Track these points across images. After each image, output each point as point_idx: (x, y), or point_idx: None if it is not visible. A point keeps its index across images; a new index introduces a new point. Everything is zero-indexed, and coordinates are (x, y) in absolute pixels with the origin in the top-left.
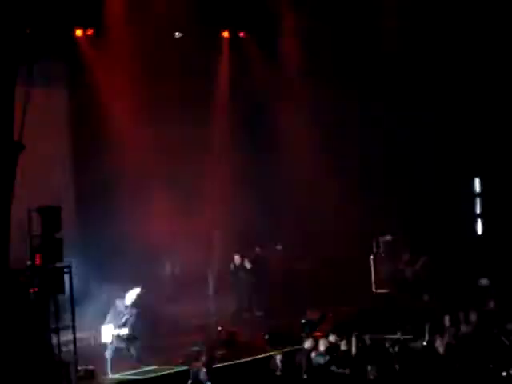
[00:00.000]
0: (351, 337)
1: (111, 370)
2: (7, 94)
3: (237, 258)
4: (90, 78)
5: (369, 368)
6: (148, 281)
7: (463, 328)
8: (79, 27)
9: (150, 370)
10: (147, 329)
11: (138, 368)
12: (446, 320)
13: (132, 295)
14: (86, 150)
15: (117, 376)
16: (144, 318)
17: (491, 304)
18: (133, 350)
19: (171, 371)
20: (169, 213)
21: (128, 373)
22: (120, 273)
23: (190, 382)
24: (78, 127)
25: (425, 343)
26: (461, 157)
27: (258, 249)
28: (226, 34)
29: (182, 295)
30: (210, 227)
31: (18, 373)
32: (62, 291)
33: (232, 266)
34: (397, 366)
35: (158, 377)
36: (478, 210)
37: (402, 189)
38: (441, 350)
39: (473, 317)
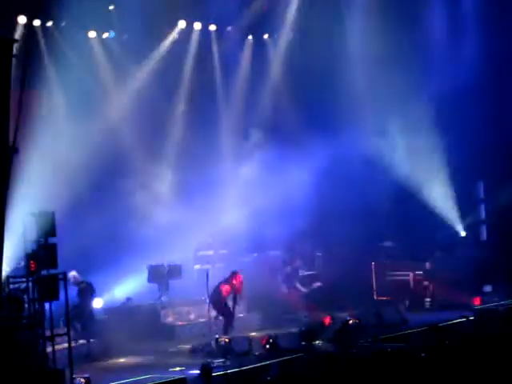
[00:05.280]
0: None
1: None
2: (1, 98)
3: None
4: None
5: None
6: None
7: None
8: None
9: (146, 378)
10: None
11: (135, 376)
12: None
13: None
14: None
15: None
16: None
17: None
18: None
19: (168, 379)
20: None
21: (123, 381)
22: None
23: None
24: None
25: None
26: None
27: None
28: None
29: None
30: None
31: (12, 382)
32: (57, 298)
33: None
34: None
35: None
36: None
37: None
38: None
39: None
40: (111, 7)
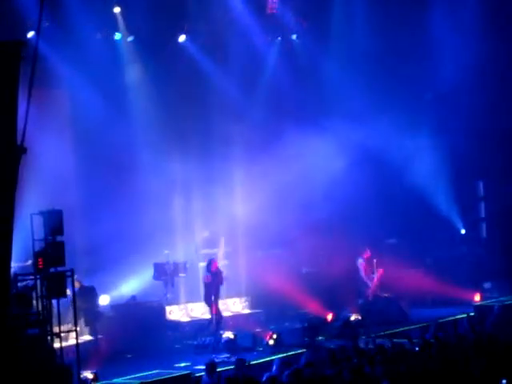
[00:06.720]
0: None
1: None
2: (10, 98)
3: None
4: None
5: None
6: None
7: None
8: None
9: (153, 373)
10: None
11: (141, 372)
12: None
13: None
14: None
15: (119, 380)
16: None
17: None
18: None
19: (173, 375)
20: None
21: (130, 377)
22: None
23: None
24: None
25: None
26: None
27: None
28: None
29: None
30: None
31: (19, 378)
32: (65, 295)
33: None
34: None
35: (160, 380)
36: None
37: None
38: None
39: None
40: (117, 10)
